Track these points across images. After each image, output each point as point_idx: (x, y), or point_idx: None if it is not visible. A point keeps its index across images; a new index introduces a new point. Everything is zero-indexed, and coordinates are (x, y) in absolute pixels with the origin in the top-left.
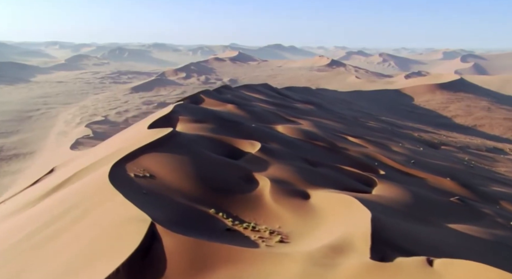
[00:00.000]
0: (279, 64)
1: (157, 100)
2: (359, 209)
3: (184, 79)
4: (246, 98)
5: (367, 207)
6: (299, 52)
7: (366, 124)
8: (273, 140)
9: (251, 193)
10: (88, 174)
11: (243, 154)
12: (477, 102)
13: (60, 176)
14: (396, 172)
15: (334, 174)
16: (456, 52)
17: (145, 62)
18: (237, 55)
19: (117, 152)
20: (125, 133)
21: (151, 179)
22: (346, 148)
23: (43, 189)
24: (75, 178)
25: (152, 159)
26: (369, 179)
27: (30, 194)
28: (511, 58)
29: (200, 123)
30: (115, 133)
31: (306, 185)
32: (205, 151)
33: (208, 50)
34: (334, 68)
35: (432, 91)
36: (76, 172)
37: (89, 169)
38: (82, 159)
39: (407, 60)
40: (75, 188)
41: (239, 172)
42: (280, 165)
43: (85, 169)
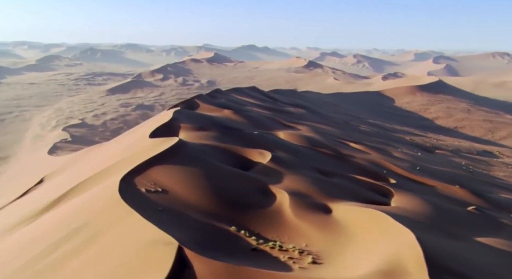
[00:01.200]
0: (255, 65)
1: (135, 102)
2: (393, 225)
3: (161, 80)
4: (239, 102)
5: (401, 223)
6: (273, 53)
7: (358, 128)
8: (279, 148)
9: (269, 207)
10: (90, 187)
11: (253, 164)
12: (456, 104)
13: (56, 189)
14: (405, 180)
15: (348, 184)
16: (427, 54)
17: (118, 63)
18: (213, 56)
19: (120, 163)
20: (121, 142)
21: (164, 194)
22: (351, 155)
23: (39, 203)
24: (75, 191)
25: (161, 172)
26: (384, 189)
27: (24, 207)
28: (480, 59)
29: (203, 131)
30: (93, 137)
31: (325, 197)
32: (215, 162)
33: (182, 50)
34: (312, 69)
35: (412, 93)
36: (75, 185)
37: (89, 181)
38: (76, 169)
39: (380, 61)
40: (79, 204)
41: (254, 184)
42: (294, 175)
43: (85, 182)
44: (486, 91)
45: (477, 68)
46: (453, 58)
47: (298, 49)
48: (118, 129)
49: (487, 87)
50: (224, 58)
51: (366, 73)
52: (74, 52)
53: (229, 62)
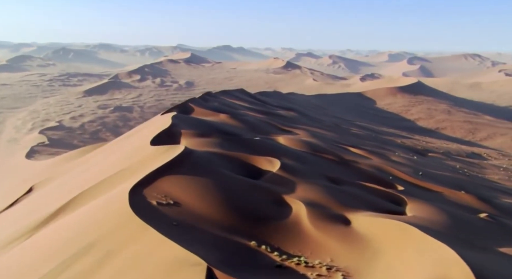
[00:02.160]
0: (233, 66)
1: (113, 104)
2: (423, 239)
3: (139, 81)
4: (232, 106)
5: (430, 235)
6: (248, 53)
7: (351, 131)
8: (284, 155)
9: (286, 219)
10: (92, 199)
11: (262, 172)
12: (436, 105)
13: (52, 199)
14: (412, 186)
15: (359, 192)
16: (400, 55)
17: (92, 63)
18: (190, 57)
19: (122, 173)
20: (118, 149)
21: (176, 207)
22: (354, 161)
23: (34, 216)
24: (76, 203)
25: (171, 183)
26: (396, 197)
27: (16, 220)
28: (452, 61)
29: (204, 137)
30: (72, 140)
31: (341, 207)
32: (224, 171)
33: (157, 51)
34: (290, 70)
35: (393, 95)
36: (75, 196)
37: (90, 192)
38: (71, 177)
39: (356, 62)
40: (84, 218)
41: (267, 194)
42: (305, 184)
43: (85, 193)
44: (461, 92)
45: (450, 69)
46: (427, 59)
47: (272, 49)
48: (96, 132)
49: (462, 88)
50: (201, 58)
51: (342, 74)
52: (46, 52)
53: (206, 63)
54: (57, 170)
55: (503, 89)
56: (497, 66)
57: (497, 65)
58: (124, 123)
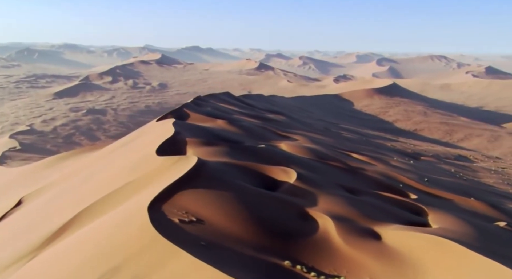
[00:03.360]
0: (205, 67)
1: (85, 106)
2: (468, 256)
3: (111, 83)
4: (224, 110)
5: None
6: (217, 54)
7: (342, 135)
8: (293, 163)
9: (315, 234)
10: (100, 215)
11: (278, 183)
12: (413, 107)
13: (50, 214)
14: (423, 193)
15: (378, 202)
16: (368, 56)
17: (58, 64)
18: (161, 58)
19: (131, 186)
20: (116, 158)
21: (200, 224)
22: (361, 168)
23: (35, 234)
24: (81, 220)
25: (189, 198)
26: (414, 206)
27: (13, 237)
28: (420, 62)
29: (210, 146)
30: (45, 145)
31: (366, 220)
32: (242, 183)
33: (125, 52)
34: (263, 72)
35: (370, 96)
36: (79, 212)
37: (97, 207)
38: (67, 190)
39: (325, 63)
40: (99, 238)
41: (290, 208)
42: (324, 195)
43: (91, 209)
44: (432, 93)
45: (418, 71)
46: (395, 61)
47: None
48: (70, 136)
49: (433, 90)
50: (172, 59)
51: (312, 75)
52: (9, 53)
53: (178, 64)
54: (44, 179)
55: (471, 90)
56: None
57: (463, 67)
58: (98, 126)
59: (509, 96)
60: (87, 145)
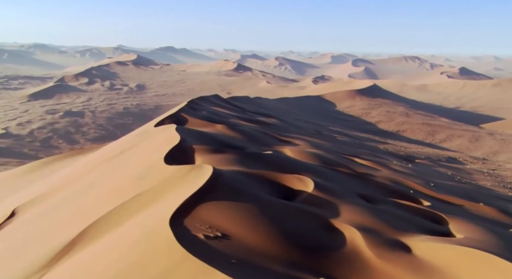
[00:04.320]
0: (182, 68)
1: (62, 109)
2: (504, 267)
3: (87, 85)
4: (219, 114)
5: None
6: (192, 54)
7: (336, 138)
8: (305, 170)
9: (344, 247)
10: (112, 229)
11: (295, 193)
12: (395, 108)
13: (54, 228)
14: (434, 200)
15: (396, 211)
16: (342, 56)
17: (29, 64)
18: (137, 59)
19: (142, 198)
20: (117, 166)
21: (227, 240)
22: (368, 174)
23: (37, 250)
24: (92, 235)
25: (210, 211)
26: (432, 214)
27: (14, 253)
28: (394, 63)
29: (218, 153)
30: (22, 149)
31: (391, 231)
32: (261, 193)
33: (98, 52)
34: (242, 73)
35: (352, 97)
36: (88, 225)
37: (107, 221)
38: (65, 201)
39: (301, 64)
40: (117, 256)
41: (315, 220)
42: (344, 205)
43: (100, 222)
44: (410, 94)
45: (393, 71)
46: (370, 62)
47: (215, 51)
48: (48, 139)
49: (411, 91)
50: (148, 60)
51: (289, 75)
52: None
53: (155, 65)
54: (31, 187)
55: (448, 91)
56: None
57: (435, 67)
58: (76, 129)
59: (483, 97)
60: (66, 148)
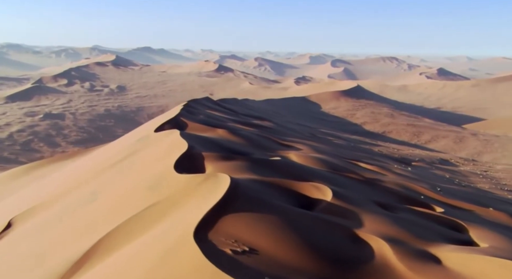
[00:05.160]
0: (162, 69)
1: (42, 111)
2: None
3: (66, 86)
4: (216, 117)
5: None
6: (169, 55)
7: (332, 141)
8: (317, 177)
9: (373, 260)
10: (125, 243)
11: (313, 201)
12: (379, 109)
13: (59, 240)
14: (445, 205)
15: (415, 218)
16: (320, 57)
17: (3, 65)
18: (116, 59)
19: (156, 209)
20: (120, 175)
21: (255, 255)
22: (377, 179)
23: (47, 262)
24: (105, 249)
25: (234, 224)
26: (450, 221)
27: (18, 269)
28: (372, 63)
29: (228, 160)
30: (2, 153)
31: (417, 241)
32: (283, 204)
33: (73, 52)
34: (223, 73)
35: (337, 99)
36: (100, 239)
37: (118, 235)
38: (69, 212)
39: (280, 65)
40: (136, 273)
41: (340, 231)
42: (365, 214)
43: (111, 236)
44: (391, 94)
45: (371, 72)
46: (349, 62)
47: (192, 51)
48: (28, 142)
49: (391, 91)
50: (127, 61)
51: (269, 76)
52: None
53: (134, 66)
54: (28, 196)
55: (428, 91)
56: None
57: (413, 68)
58: (57, 132)
59: (463, 97)
60: (48, 151)
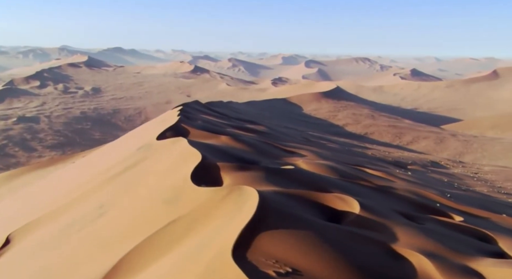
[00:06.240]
0: (136, 70)
1: (15, 114)
2: None
3: (39, 88)
4: (212, 123)
5: None
6: (140, 55)
7: (327, 145)
8: (334, 187)
9: (417, 277)
10: (150, 265)
11: (340, 214)
12: (360, 110)
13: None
14: (463, 213)
15: (442, 229)
16: (293, 57)
17: None
18: (88, 60)
19: (178, 226)
20: (129, 185)
21: (299, 276)
22: (388, 186)
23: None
24: (128, 271)
25: (271, 242)
26: (476, 231)
27: None
28: (345, 64)
29: (243, 170)
30: None
31: (454, 255)
32: (309, 216)
33: (42, 53)
34: (199, 75)
35: (318, 100)
36: (121, 258)
37: (142, 255)
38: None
39: (254, 65)
40: None
41: (378, 247)
42: (395, 226)
43: (134, 256)
44: (367, 95)
45: (345, 73)
46: (322, 63)
47: (163, 52)
48: (2, 147)
49: (368, 92)
50: (100, 62)
51: (243, 77)
52: None
53: (108, 67)
54: (24, 209)
55: (403, 92)
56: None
57: (385, 69)
58: (32, 136)
59: (438, 98)
60: (23, 156)
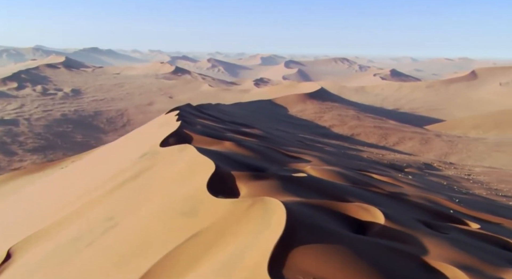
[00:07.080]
0: (116, 71)
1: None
2: None
3: (17, 90)
4: (210, 127)
5: None
6: (117, 56)
7: (323, 148)
8: (350, 195)
9: None
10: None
11: (364, 225)
12: (346, 111)
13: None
14: (477, 220)
15: (466, 239)
16: (272, 58)
17: None
18: (66, 61)
19: (200, 240)
20: (138, 196)
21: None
22: (399, 193)
23: None
24: None
25: (305, 258)
26: (497, 239)
27: None
28: (324, 64)
29: (258, 179)
30: None
31: (487, 267)
32: (337, 228)
33: (16, 53)
34: (180, 75)
35: (303, 101)
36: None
37: (164, 271)
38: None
39: (233, 66)
40: None
41: (410, 259)
42: (424, 238)
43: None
44: (349, 96)
45: (325, 73)
46: (302, 63)
47: (140, 52)
48: None
49: (350, 92)
50: (78, 63)
51: (223, 77)
52: None
53: (86, 68)
54: (21, 219)
55: (385, 93)
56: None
57: (363, 69)
58: (12, 139)
59: (419, 98)
60: (4, 160)
